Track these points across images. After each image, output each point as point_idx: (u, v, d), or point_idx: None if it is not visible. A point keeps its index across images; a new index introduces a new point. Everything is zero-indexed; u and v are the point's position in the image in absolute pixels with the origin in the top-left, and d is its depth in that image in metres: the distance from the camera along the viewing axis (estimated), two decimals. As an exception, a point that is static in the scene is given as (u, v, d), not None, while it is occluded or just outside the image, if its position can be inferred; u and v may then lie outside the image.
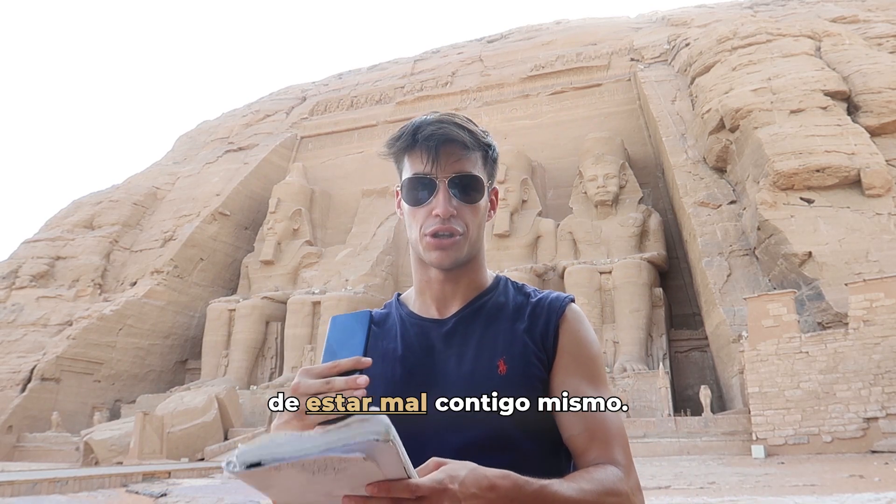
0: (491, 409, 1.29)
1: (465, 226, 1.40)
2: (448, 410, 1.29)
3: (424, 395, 1.29)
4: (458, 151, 1.40)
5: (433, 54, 52.97)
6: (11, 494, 15.45)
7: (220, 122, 54.50)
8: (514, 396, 1.31)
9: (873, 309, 19.59)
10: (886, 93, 27.00)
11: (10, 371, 33.30)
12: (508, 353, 1.38)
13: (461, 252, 1.41)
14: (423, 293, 1.50)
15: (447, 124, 1.39)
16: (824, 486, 12.60)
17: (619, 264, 30.76)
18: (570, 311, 1.46)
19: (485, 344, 1.40)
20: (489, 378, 1.35)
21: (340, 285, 37.18)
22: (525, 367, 1.37)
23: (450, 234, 1.39)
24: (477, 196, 1.41)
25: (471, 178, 1.40)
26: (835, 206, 24.58)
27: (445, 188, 1.39)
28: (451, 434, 1.31)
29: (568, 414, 1.35)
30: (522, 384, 1.35)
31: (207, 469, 21.69)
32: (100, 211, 43.44)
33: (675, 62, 38.85)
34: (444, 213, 1.38)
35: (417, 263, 1.51)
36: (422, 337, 1.45)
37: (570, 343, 1.42)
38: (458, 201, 1.40)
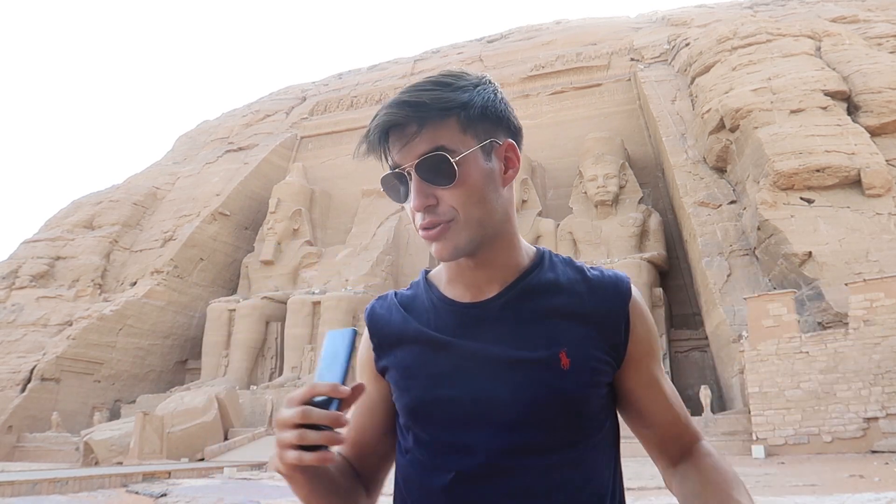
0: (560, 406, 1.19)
1: (453, 210, 1.18)
2: (499, 404, 1.19)
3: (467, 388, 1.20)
4: (415, 130, 1.18)
5: (433, 54, 52.98)
6: (11, 494, 15.44)
7: (220, 122, 54.51)
8: (579, 392, 1.20)
9: (873, 309, 19.59)
10: (886, 93, 27.00)
11: (9, 371, 33.30)
12: (571, 342, 1.21)
13: (460, 239, 1.20)
14: (455, 281, 1.31)
15: (404, 100, 1.18)
16: (824, 486, 12.60)
17: (619, 264, 30.76)
18: (635, 292, 1.32)
19: (539, 331, 1.23)
20: (551, 373, 1.19)
21: (340, 285, 37.17)
22: (590, 361, 1.22)
23: (433, 226, 1.19)
24: (448, 175, 1.17)
25: (433, 158, 1.16)
26: (835, 206, 24.58)
27: (416, 177, 1.18)
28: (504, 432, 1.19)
29: (657, 402, 1.31)
30: (589, 381, 1.22)
31: (207, 469, 21.69)
32: (100, 211, 43.44)
33: (675, 62, 38.85)
34: (417, 207, 1.18)
35: None
36: (459, 323, 1.26)
37: (643, 329, 1.31)
38: (433, 186, 1.18)
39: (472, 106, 1.21)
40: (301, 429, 1.01)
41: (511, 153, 1.27)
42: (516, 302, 1.26)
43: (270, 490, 16.36)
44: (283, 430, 1.03)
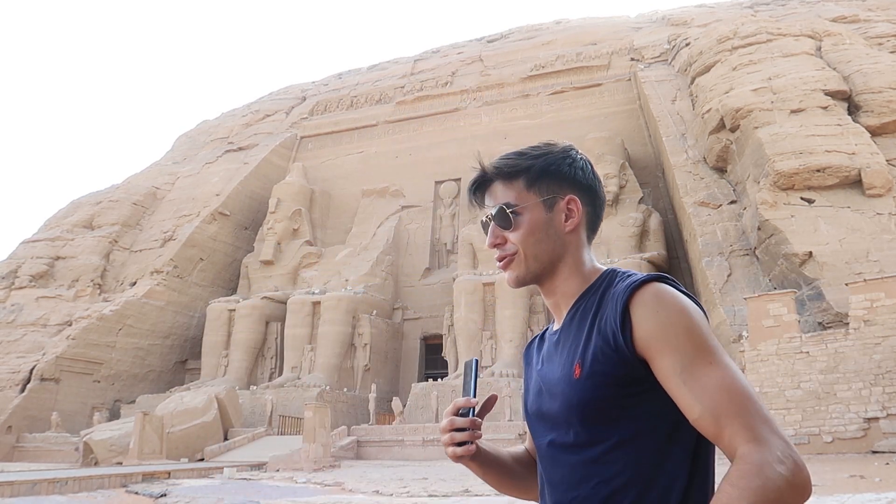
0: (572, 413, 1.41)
1: (514, 246, 1.54)
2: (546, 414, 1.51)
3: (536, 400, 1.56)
4: (490, 193, 1.59)
5: (433, 54, 52.95)
6: (11, 495, 15.43)
7: (219, 122, 54.49)
8: (585, 398, 1.38)
9: (874, 309, 19.56)
10: (887, 92, 26.98)
11: (9, 371, 33.28)
12: (584, 354, 1.39)
13: (521, 269, 1.54)
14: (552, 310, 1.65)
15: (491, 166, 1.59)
16: (825, 487, 12.58)
17: (619, 264, 30.67)
18: (640, 294, 1.36)
19: (571, 348, 1.46)
20: (566, 382, 1.43)
21: (340, 285, 37.15)
22: (593, 366, 1.36)
23: (504, 258, 1.55)
24: (507, 221, 1.53)
25: (497, 209, 1.54)
26: (835, 206, 24.56)
27: (492, 225, 1.56)
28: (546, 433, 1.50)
29: (682, 398, 1.29)
30: (595, 384, 1.37)
31: (207, 469, 21.67)
32: (99, 211, 43.42)
33: (675, 62, 38.83)
34: (488, 244, 1.58)
35: None
36: (542, 347, 1.63)
37: (650, 324, 1.32)
38: (501, 230, 1.55)
39: (533, 169, 1.55)
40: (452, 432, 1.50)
41: (572, 205, 1.56)
42: (569, 325, 1.51)
43: (270, 490, 16.35)
44: (442, 434, 1.52)
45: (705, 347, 1.31)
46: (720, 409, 1.24)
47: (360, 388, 34.53)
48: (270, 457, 23.84)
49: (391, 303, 38.95)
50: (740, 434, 1.21)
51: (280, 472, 21.74)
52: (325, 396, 30.70)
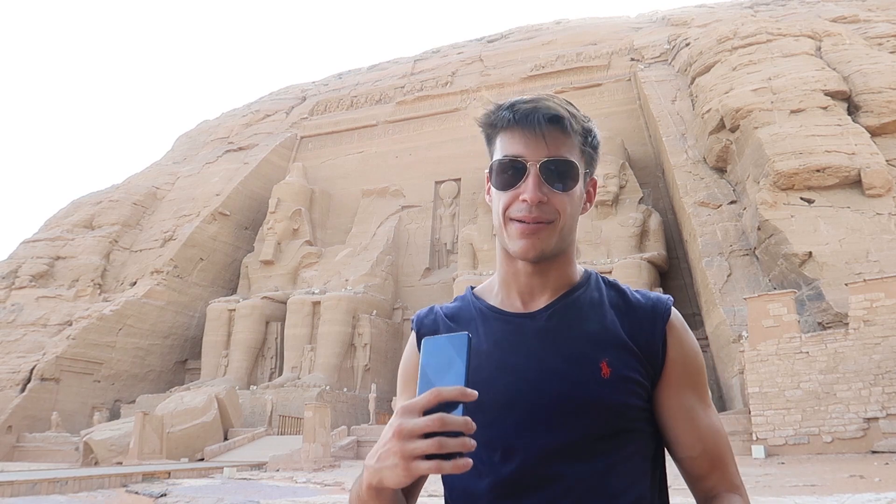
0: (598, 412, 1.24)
1: (556, 213, 1.28)
2: (544, 409, 1.25)
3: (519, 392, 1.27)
4: (553, 134, 1.30)
5: (433, 54, 52.95)
6: (11, 494, 15.44)
7: (219, 122, 54.49)
8: (617, 400, 1.25)
9: (873, 309, 19.57)
10: (887, 93, 26.98)
11: (9, 371, 33.29)
12: (611, 355, 1.28)
13: (549, 242, 1.29)
14: (509, 286, 1.38)
15: (545, 106, 1.30)
16: (824, 487, 12.59)
17: (619, 264, 30.76)
18: (675, 315, 1.36)
19: (584, 342, 1.30)
20: (592, 380, 1.25)
21: (340, 285, 37.16)
22: (628, 372, 1.28)
23: (538, 220, 1.27)
24: (571, 183, 1.29)
25: (565, 163, 1.29)
26: (835, 206, 24.56)
27: (537, 172, 1.27)
28: (543, 435, 1.24)
29: (686, 433, 1.31)
30: (626, 390, 1.27)
31: (207, 469, 21.68)
32: (99, 211, 43.43)
33: (675, 62, 38.84)
34: (533, 198, 1.25)
35: (503, 254, 1.37)
36: (510, 332, 1.33)
37: (679, 353, 1.33)
38: (549, 188, 1.28)
39: (593, 136, 1.37)
40: (439, 437, 1.00)
41: (592, 189, 1.42)
42: (563, 314, 1.33)
43: (270, 490, 16.35)
44: (411, 440, 1.01)
45: (707, 387, 1.36)
46: (715, 453, 1.31)
47: (360, 388, 34.54)
48: (270, 457, 23.85)
49: (391, 303, 38.96)
50: (726, 481, 1.31)
51: (280, 471, 21.74)
52: (325, 396, 30.71)
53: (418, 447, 1.00)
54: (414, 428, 1.00)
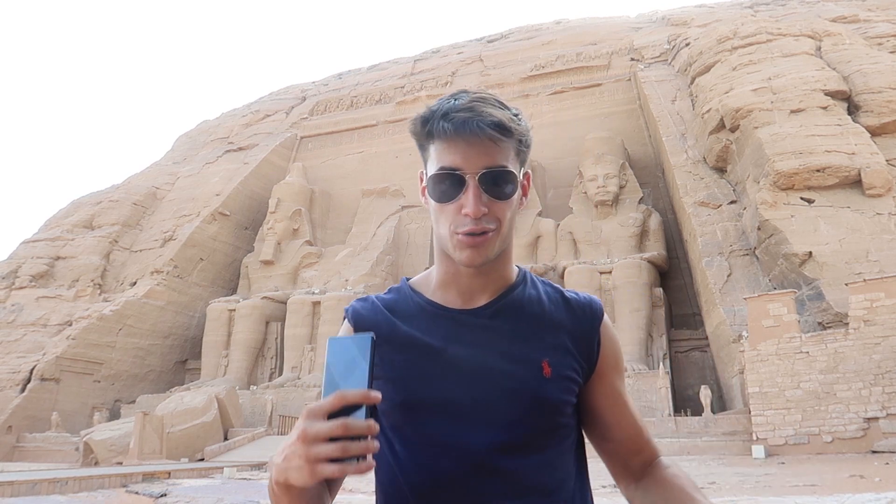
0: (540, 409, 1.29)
1: (497, 221, 1.29)
2: (486, 406, 1.27)
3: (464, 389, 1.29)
4: (488, 143, 1.27)
5: (433, 54, 52.96)
6: (11, 495, 15.44)
7: (219, 122, 54.50)
8: (557, 398, 1.31)
9: (873, 309, 19.57)
10: (887, 92, 26.99)
11: (9, 371, 33.29)
12: (552, 354, 1.33)
13: (492, 249, 1.31)
14: (448, 285, 1.39)
15: (479, 111, 1.26)
16: (824, 486, 12.59)
17: (620, 264, 30.76)
18: (605, 316, 1.45)
19: (524, 341, 1.34)
20: (534, 378, 1.30)
21: (340, 285, 37.17)
22: (566, 371, 1.34)
23: (482, 232, 1.27)
24: (510, 191, 1.29)
25: (503, 172, 1.28)
26: (835, 206, 24.57)
27: (476, 184, 1.26)
28: (488, 431, 1.27)
29: (622, 416, 1.42)
30: (564, 388, 1.33)
31: (207, 469, 21.68)
32: (99, 211, 43.44)
33: (675, 62, 38.84)
34: (475, 213, 1.25)
35: (442, 255, 1.38)
36: (450, 327, 1.35)
37: (611, 347, 1.43)
38: (489, 197, 1.27)
39: (527, 137, 1.35)
40: (342, 441, 1.01)
41: (527, 182, 1.41)
42: (505, 312, 1.37)
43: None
44: (315, 444, 1.02)
45: None
46: (643, 429, 1.45)
47: (360, 388, 34.49)
48: (270, 457, 23.72)
49: (391, 303, 38.92)
50: (654, 449, 1.45)
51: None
52: (325, 396, 30.66)
53: (322, 451, 1.01)
54: (318, 432, 1.01)
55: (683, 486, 1.35)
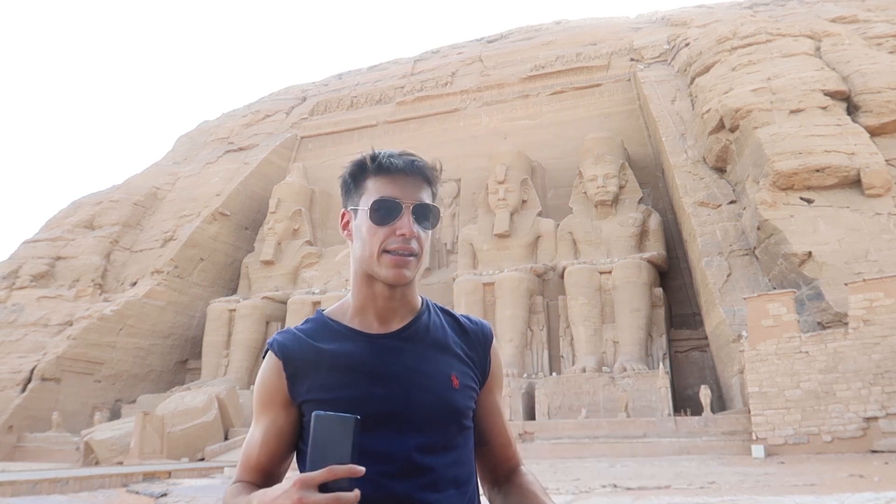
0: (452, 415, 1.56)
1: (420, 248, 1.55)
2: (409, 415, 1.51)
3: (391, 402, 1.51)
4: (421, 182, 1.57)
5: (433, 54, 52.96)
6: (12, 494, 15.47)
7: (220, 123, 54.50)
8: (463, 406, 1.59)
9: (873, 309, 19.60)
10: (886, 93, 27.00)
11: (10, 371, 33.31)
12: (457, 369, 1.60)
13: (414, 271, 1.56)
14: (365, 309, 1.61)
15: (413, 158, 1.59)
16: (824, 486, 12.62)
17: (619, 264, 30.78)
18: (495, 339, 1.76)
19: (435, 359, 1.59)
20: (446, 389, 1.56)
21: (340, 285, 37.19)
22: (468, 382, 1.62)
23: (409, 253, 1.53)
24: (433, 223, 1.58)
25: (431, 207, 1.57)
26: (835, 206, 24.59)
27: (409, 212, 1.53)
28: (415, 436, 1.51)
29: (499, 425, 1.73)
30: (468, 396, 1.61)
31: (208, 469, 21.71)
32: (100, 211, 43.45)
33: (674, 62, 38.86)
34: (410, 233, 1.51)
35: (363, 280, 1.59)
36: (371, 349, 1.56)
37: (497, 366, 1.73)
38: (418, 226, 1.54)
39: (438, 183, 1.64)
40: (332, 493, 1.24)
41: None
42: (416, 335, 1.61)
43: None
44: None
45: None
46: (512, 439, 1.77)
47: (360, 388, 34.53)
48: None
49: (391, 303, 38.94)
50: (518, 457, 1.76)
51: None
52: (326, 396, 30.69)
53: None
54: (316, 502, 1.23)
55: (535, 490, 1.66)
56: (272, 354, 1.58)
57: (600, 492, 13.36)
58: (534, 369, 31.00)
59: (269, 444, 1.56)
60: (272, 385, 1.56)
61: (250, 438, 1.60)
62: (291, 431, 1.58)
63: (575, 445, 23.33)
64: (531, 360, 31.47)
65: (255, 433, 1.58)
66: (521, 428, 24.65)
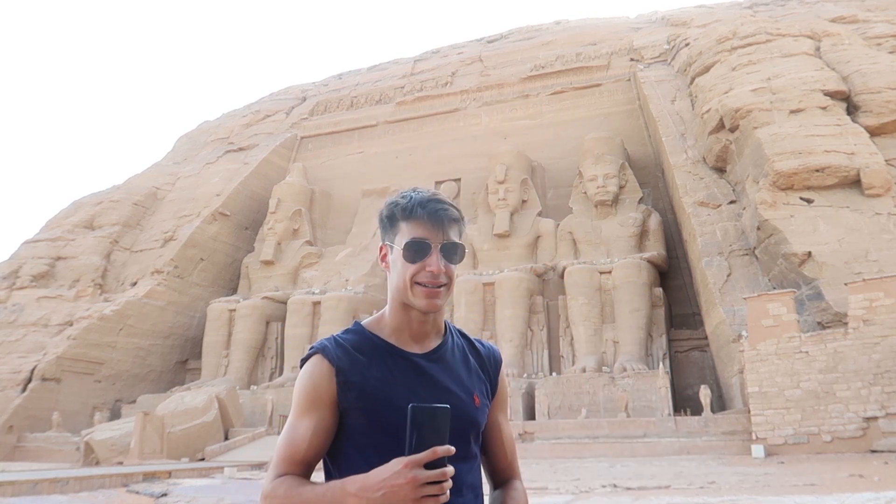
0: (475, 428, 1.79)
1: (448, 280, 1.76)
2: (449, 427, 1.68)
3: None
4: (450, 224, 1.77)
5: (433, 54, 52.97)
6: (12, 494, 15.47)
7: (220, 123, 54.50)
8: (482, 421, 1.82)
9: (873, 308, 19.60)
10: (886, 93, 27.00)
11: (10, 371, 33.31)
12: (478, 388, 1.84)
13: (444, 299, 1.78)
14: (402, 331, 1.81)
15: (444, 203, 1.79)
16: (824, 486, 12.62)
17: (619, 264, 30.78)
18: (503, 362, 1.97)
19: (461, 378, 1.82)
20: (471, 407, 1.78)
21: (340, 285, 37.19)
22: (485, 401, 1.85)
23: (439, 286, 1.74)
24: (459, 259, 1.78)
25: (458, 245, 1.78)
26: (834, 206, 24.59)
27: (438, 251, 1.74)
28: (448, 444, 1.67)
29: (501, 440, 1.94)
30: (484, 413, 1.84)
31: (208, 469, 21.71)
32: (100, 211, 43.45)
33: (674, 62, 38.87)
34: (437, 270, 1.72)
35: (399, 306, 1.80)
36: (411, 368, 1.76)
37: (502, 387, 1.97)
38: (445, 262, 1.75)
39: (463, 222, 1.84)
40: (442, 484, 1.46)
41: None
42: (445, 356, 1.83)
43: (271, 490, 16.32)
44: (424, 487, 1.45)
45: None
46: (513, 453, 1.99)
47: (360, 388, 34.51)
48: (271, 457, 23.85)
49: (391, 303, 38.95)
50: (516, 470, 1.99)
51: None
52: (326, 396, 30.66)
53: (429, 490, 1.45)
54: (428, 477, 1.46)
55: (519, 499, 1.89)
56: (323, 359, 1.74)
57: (600, 492, 13.37)
58: (534, 369, 31.01)
59: (319, 440, 1.69)
60: (323, 387, 1.71)
61: (294, 434, 1.70)
62: (334, 431, 1.73)
63: (575, 445, 23.34)
64: (531, 360, 31.48)
65: (301, 429, 1.70)
66: (521, 428, 24.66)
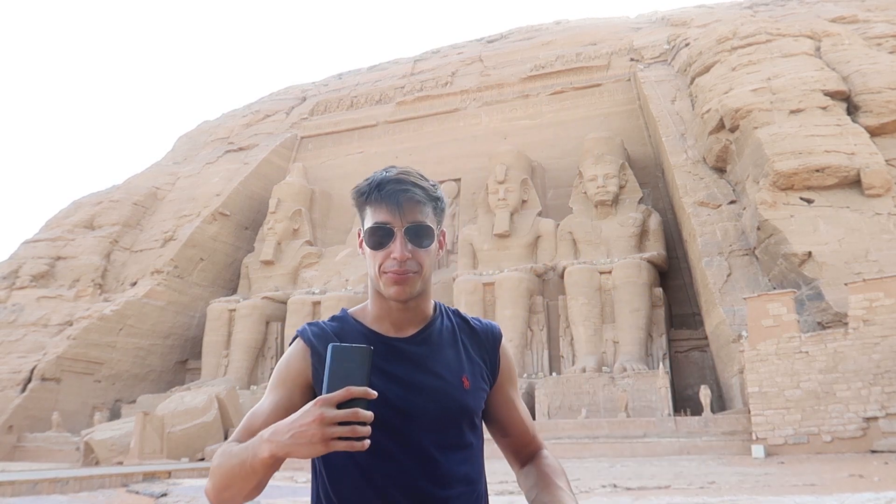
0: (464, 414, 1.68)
1: (419, 265, 1.65)
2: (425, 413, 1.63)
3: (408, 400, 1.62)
4: (412, 205, 1.65)
5: (433, 54, 52.96)
6: (12, 494, 15.48)
7: (220, 123, 54.50)
8: (474, 406, 1.72)
9: (873, 309, 19.60)
10: (886, 93, 27.00)
11: (10, 371, 33.31)
12: (469, 371, 1.74)
13: (415, 287, 1.67)
14: (382, 319, 1.74)
15: (405, 182, 1.65)
16: (824, 486, 12.62)
17: (619, 264, 30.78)
18: (504, 338, 1.89)
19: (448, 362, 1.72)
20: (458, 390, 1.68)
21: (340, 285, 37.19)
22: (479, 383, 1.75)
23: (404, 272, 1.63)
24: (428, 242, 1.66)
25: (424, 227, 1.66)
26: (834, 206, 24.59)
27: (402, 236, 1.63)
28: (432, 434, 1.63)
29: (517, 417, 1.85)
30: (478, 397, 1.74)
31: (208, 469, 21.66)
32: (100, 211, 43.45)
33: (674, 62, 38.86)
34: (401, 257, 1.62)
35: (376, 295, 1.73)
36: (392, 353, 1.69)
37: (507, 363, 1.86)
38: (413, 246, 1.64)
39: (441, 202, 1.74)
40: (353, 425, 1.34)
41: (443, 239, 1.79)
42: (429, 340, 1.74)
43: (270, 489, 16.37)
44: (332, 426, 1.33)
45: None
46: (532, 426, 1.89)
47: (360, 388, 34.54)
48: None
49: (391, 303, 38.95)
50: (539, 442, 1.90)
51: (280, 471, 21.77)
52: (326, 396, 30.69)
53: (337, 431, 1.33)
54: (335, 416, 1.33)
55: (550, 473, 1.78)
56: (300, 340, 1.70)
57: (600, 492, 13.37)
58: (534, 369, 31.01)
59: (278, 416, 1.58)
60: (296, 366, 1.67)
61: (258, 407, 1.65)
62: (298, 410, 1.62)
63: (575, 445, 23.34)
64: (531, 360, 31.48)
65: (266, 403, 1.64)
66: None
